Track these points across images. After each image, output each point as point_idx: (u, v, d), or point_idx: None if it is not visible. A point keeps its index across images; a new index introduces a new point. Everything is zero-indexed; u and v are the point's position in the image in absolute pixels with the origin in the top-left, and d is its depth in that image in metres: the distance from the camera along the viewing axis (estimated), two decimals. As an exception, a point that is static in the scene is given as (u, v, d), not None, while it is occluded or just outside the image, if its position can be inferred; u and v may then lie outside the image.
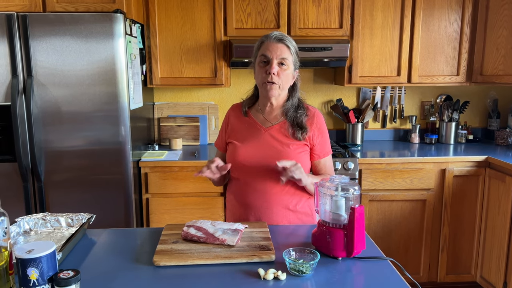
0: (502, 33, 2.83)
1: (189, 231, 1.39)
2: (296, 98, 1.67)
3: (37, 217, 1.53)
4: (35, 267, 1.00)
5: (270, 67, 1.56)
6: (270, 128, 1.66)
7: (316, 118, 1.67)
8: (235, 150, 1.66)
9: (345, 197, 1.32)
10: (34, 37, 2.35)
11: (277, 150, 1.61)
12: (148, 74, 2.93)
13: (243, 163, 1.64)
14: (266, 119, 1.68)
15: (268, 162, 1.59)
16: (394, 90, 3.35)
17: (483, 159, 2.77)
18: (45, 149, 2.46)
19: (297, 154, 1.62)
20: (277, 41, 1.58)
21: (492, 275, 2.74)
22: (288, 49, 1.59)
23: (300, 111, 1.65)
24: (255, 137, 1.65)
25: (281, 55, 1.57)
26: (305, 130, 1.63)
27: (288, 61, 1.59)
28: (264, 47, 1.60)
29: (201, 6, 2.84)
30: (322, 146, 1.68)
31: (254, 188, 1.64)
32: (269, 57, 1.57)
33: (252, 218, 1.66)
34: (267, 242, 1.36)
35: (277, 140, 1.63)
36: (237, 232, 1.37)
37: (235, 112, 1.76)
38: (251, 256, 1.27)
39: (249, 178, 1.64)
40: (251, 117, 1.71)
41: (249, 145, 1.65)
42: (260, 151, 1.62)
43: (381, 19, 2.91)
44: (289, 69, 1.60)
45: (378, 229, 2.83)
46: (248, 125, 1.69)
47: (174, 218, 2.72)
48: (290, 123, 1.65)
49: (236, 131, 1.71)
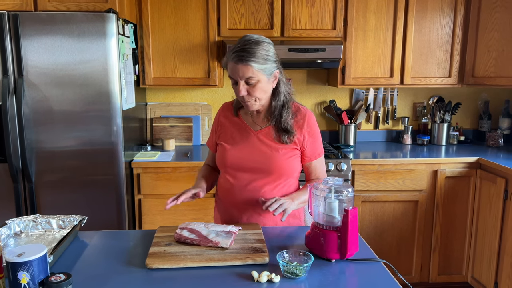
0: (494, 36, 2.85)
1: (182, 234, 1.38)
2: (279, 101, 1.57)
3: (28, 219, 1.51)
4: (25, 270, 0.99)
5: (238, 90, 1.49)
6: (259, 132, 1.62)
7: (307, 120, 1.61)
8: (224, 153, 1.64)
9: (339, 199, 1.32)
10: (25, 36, 2.32)
11: (266, 155, 1.58)
12: (140, 74, 2.91)
13: (232, 166, 1.62)
14: (255, 122, 1.64)
15: (257, 167, 1.58)
16: (387, 91, 3.36)
17: (475, 160, 2.79)
18: (36, 150, 2.43)
19: (286, 159, 1.58)
20: (237, 62, 1.46)
21: (483, 275, 2.76)
22: (251, 67, 1.44)
23: (285, 114, 1.57)
24: (244, 140, 1.62)
25: (244, 75, 1.46)
26: (291, 133, 1.56)
27: (255, 78, 1.47)
28: (229, 68, 1.50)
29: (194, 6, 2.83)
30: (313, 149, 1.63)
31: (241, 190, 1.62)
32: (234, 79, 1.49)
33: (238, 219, 1.65)
34: (261, 244, 1.36)
35: (266, 145, 1.59)
36: (231, 234, 1.37)
37: (225, 112, 1.72)
38: (245, 258, 1.27)
39: (237, 181, 1.62)
40: (241, 118, 1.67)
41: (238, 148, 1.62)
42: (249, 155, 1.60)
43: (374, 21, 2.92)
44: (260, 82, 1.48)
45: (370, 230, 2.84)
46: (238, 126, 1.66)
47: (166, 219, 2.71)
48: (274, 127, 1.58)
49: (225, 133, 1.68)
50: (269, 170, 1.58)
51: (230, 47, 2.73)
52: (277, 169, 1.58)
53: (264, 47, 1.48)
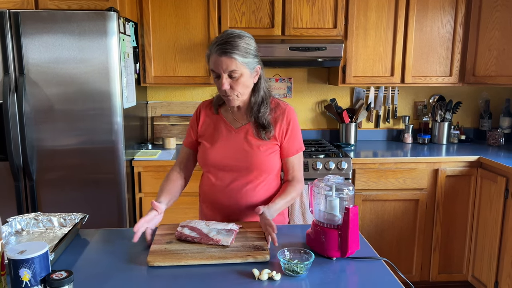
0: (495, 35, 2.85)
1: (183, 231, 1.38)
2: (259, 97, 1.57)
3: (29, 217, 1.51)
4: (27, 268, 0.99)
5: (221, 83, 1.48)
6: (240, 129, 1.61)
7: (286, 115, 1.60)
8: (205, 152, 1.63)
9: (340, 197, 1.32)
10: (26, 34, 2.33)
11: (247, 153, 1.57)
12: (141, 72, 2.91)
13: (213, 165, 1.61)
14: (236, 119, 1.63)
15: (238, 164, 1.58)
16: (388, 90, 3.36)
17: (475, 159, 2.79)
18: (37, 148, 2.43)
19: (267, 156, 1.58)
20: (220, 54, 1.44)
21: (484, 274, 2.77)
22: (234, 60, 1.44)
23: (263, 109, 1.57)
24: (225, 138, 1.61)
25: (228, 68, 1.45)
26: (268, 129, 1.56)
27: (238, 71, 1.46)
28: (211, 61, 1.48)
29: (195, 5, 2.83)
30: (290, 144, 1.61)
31: (223, 188, 1.61)
32: (217, 72, 1.48)
33: (221, 218, 1.64)
34: (262, 242, 1.36)
35: (247, 142, 1.59)
36: (232, 232, 1.37)
37: (205, 110, 1.70)
38: (246, 256, 1.27)
39: (219, 179, 1.62)
40: (221, 115, 1.65)
41: (219, 146, 1.61)
42: (230, 153, 1.59)
43: (375, 20, 2.92)
44: (243, 76, 1.48)
45: (371, 229, 2.84)
46: (218, 124, 1.64)
47: (167, 217, 2.69)
48: (253, 123, 1.59)
49: (206, 131, 1.66)
50: (250, 167, 1.58)
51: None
52: (258, 166, 1.57)
53: (247, 41, 1.49)
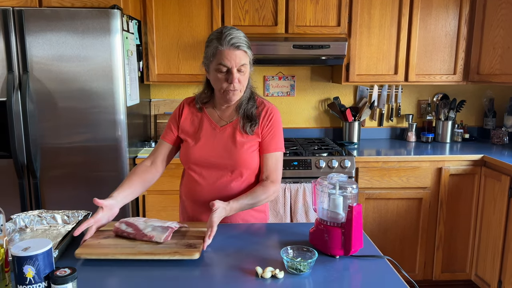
0: (499, 33, 2.83)
1: (120, 227, 1.39)
2: (248, 89, 1.61)
3: (33, 214, 1.52)
4: (31, 264, 0.99)
5: (232, 77, 1.49)
6: (224, 128, 1.61)
7: (269, 112, 1.62)
8: (188, 150, 1.62)
9: (343, 195, 1.32)
10: (30, 32, 2.33)
11: (231, 151, 1.58)
12: (145, 70, 2.92)
13: (197, 163, 1.61)
14: (221, 117, 1.63)
15: (222, 162, 1.58)
16: (391, 88, 3.35)
17: (479, 158, 2.78)
18: (41, 146, 2.44)
19: (250, 153, 1.59)
20: (235, 49, 1.47)
21: (487, 273, 2.76)
22: (246, 53, 1.50)
23: (250, 103, 1.61)
24: (209, 136, 1.61)
25: (240, 62, 1.49)
26: (254, 122, 1.59)
27: (247, 65, 1.52)
28: (221, 55, 1.48)
29: (198, 3, 2.83)
30: (269, 141, 1.61)
31: (204, 186, 1.61)
32: (229, 66, 1.48)
33: (203, 215, 1.63)
34: (198, 241, 1.34)
35: (231, 140, 1.59)
36: (167, 229, 1.35)
37: (189, 107, 1.70)
38: (174, 253, 1.25)
39: (201, 177, 1.62)
40: (205, 113, 1.65)
41: (202, 144, 1.60)
42: (214, 151, 1.59)
43: (379, 18, 2.91)
44: (247, 72, 1.54)
45: (374, 227, 2.83)
46: (202, 122, 1.64)
47: (170, 215, 2.71)
48: (241, 116, 1.60)
49: (189, 128, 1.65)
50: (234, 165, 1.58)
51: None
52: (242, 163, 1.58)
53: (245, 36, 1.54)
